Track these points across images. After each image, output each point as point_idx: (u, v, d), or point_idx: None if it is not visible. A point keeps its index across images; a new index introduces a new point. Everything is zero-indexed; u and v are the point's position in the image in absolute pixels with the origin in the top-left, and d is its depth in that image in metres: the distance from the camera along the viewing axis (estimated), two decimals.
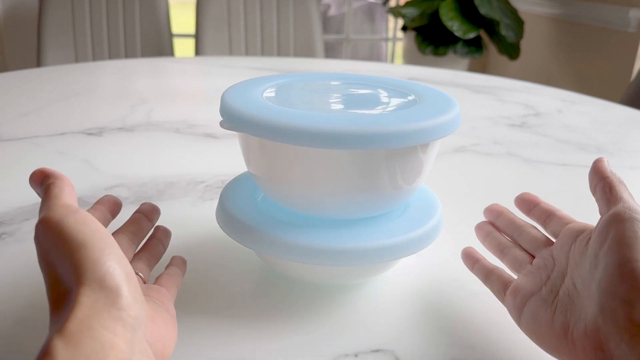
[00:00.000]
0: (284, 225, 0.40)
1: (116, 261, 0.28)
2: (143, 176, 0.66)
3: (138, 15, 1.76)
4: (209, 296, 0.43)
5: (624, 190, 0.35)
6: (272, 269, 0.46)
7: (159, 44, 1.79)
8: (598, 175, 0.37)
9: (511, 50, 2.29)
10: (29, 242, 0.51)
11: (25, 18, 2.24)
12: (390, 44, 3.27)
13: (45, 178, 0.33)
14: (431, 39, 2.35)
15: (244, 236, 0.40)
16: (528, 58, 2.57)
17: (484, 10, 2.21)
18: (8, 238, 0.51)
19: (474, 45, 2.34)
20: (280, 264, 0.43)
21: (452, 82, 1.24)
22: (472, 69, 2.84)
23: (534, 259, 0.40)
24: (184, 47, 2.90)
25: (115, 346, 0.25)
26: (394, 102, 0.43)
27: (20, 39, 2.27)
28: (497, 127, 0.92)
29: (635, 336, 0.28)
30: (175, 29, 1.94)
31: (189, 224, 0.54)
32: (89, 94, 1.06)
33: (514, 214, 0.44)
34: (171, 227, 0.43)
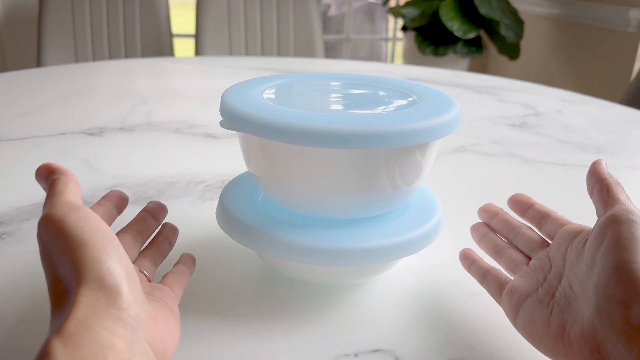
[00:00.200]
0: (284, 225, 0.40)
1: (117, 260, 0.28)
2: (143, 176, 0.66)
3: (138, 15, 1.76)
4: (209, 296, 0.43)
5: (621, 192, 0.35)
6: (272, 269, 0.46)
7: (159, 44, 1.79)
8: (595, 177, 0.37)
9: (511, 50, 2.29)
10: (29, 242, 0.51)
11: (25, 18, 2.24)
12: (390, 44, 3.27)
13: (50, 173, 0.33)
14: (431, 39, 2.35)
15: (244, 236, 0.40)
16: (528, 58, 2.57)
17: (484, 10, 2.21)
18: (8, 238, 0.51)
19: (474, 45, 2.35)
20: (280, 264, 0.43)
21: (452, 82, 1.24)
22: (472, 69, 2.84)
23: (529, 260, 0.40)
24: (184, 47, 2.90)
25: (114, 347, 0.25)
26: (394, 102, 0.43)
27: (20, 39, 2.27)
28: (497, 127, 0.92)
29: (632, 338, 0.28)
30: (175, 29, 1.94)
31: (189, 224, 0.54)
32: (89, 94, 1.06)
33: (508, 214, 0.44)
34: None
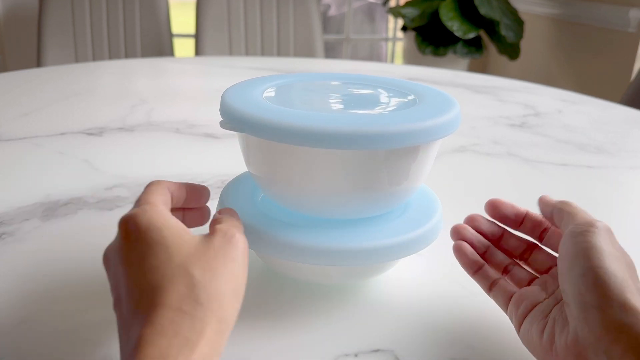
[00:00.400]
0: (284, 225, 0.40)
1: None
2: (143, 176, 0.66)
3: (138, 15, 1.76)
4: None
5: (574, 207, 0.37)
6: (272, 269, 0.46)
7: (159, 44, 1.79)
8: (548, 206, 0.39)
9: (511, 50, 2.28)
10: (29, 242, 0.51)
11: (25, 18, 2.24)
12: (390, 44, 3.27)
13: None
14: (431, 39, 2.35)
15: None
16: (528, 58, 2.57)
17: (484, 10, 2.21)
18: (8, 238, 0.51)
19: (474, 45, 2.34)
20: (280, 264, 0.43)
21: (452, 82, 1.24)
22: (472, 69, 2.84)
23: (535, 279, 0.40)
24: (184, 47, 2.90)
25: None
26: (394, 102, 0.43)
27: (20, 39, 2.27)
28: (497, 127, 0.92)
29: (612, 341, 0.29)
30: (175, 29, 1.94)
31: None
32: (89, 94, 1.06)
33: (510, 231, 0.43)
34: None
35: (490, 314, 0.42)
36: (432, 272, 0.48)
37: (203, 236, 0.33)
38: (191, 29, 1.92)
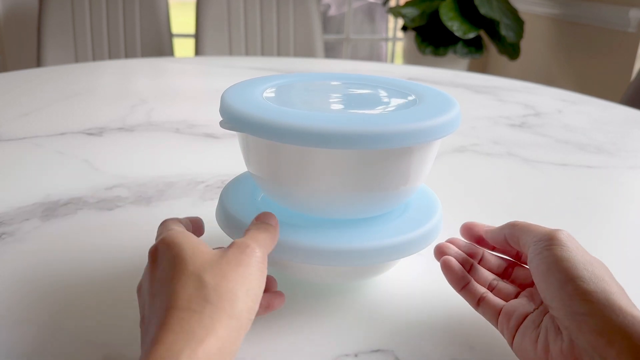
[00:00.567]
0: (284, 225, 0.40)
1: None
2: (143, 176, 0.66)
3: (138, 15, 1.76)
4: None
5: (523, 224, 0.38)
6: (272, 269, 0.46)
7: (159, 44, 1.79)
8: (495, 233, 0.40)
9: (511, 50, 2.29)
10: (29, 242, 0.51)
11: (25, 18, 2.24)
12: (390, 44, 3.27)
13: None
14: (431, 39, 2.35)
15: None
16: (528, 58, 2.57)
17: (484, 10, 2.21)
18: (8, 238, 0.51)
19: (474, 45, 2.34)
20: (280, 264, 0.43)
21: (452, 82, 1.24)
22: (472, 69, 2.84)
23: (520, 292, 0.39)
24: (184, 47, 2.90)
25: None
26: (394, 102, 0.43)
27: (20, 39, 2.27)
28: (497, 127, 0.92)
29: (607, 346, 0.29)
30: (175, 29, 1.94)
31: None
32: (89, 94, 1.06)
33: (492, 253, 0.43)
34: None
35: None
36: (432, 272, 0.48)
37: (220, 249, 0.34)
38: (191, 29, 1.92)
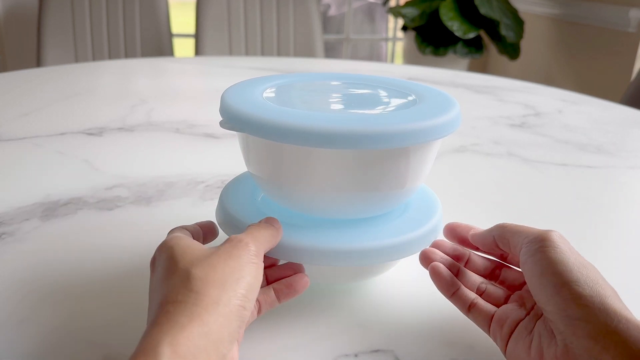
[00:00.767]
0: (284, 225, 0.40)
1: None
2: (143, 176, 0.66)
3: (138, 15, 1.76)
4: None
5: (512, 225, 0.37)
6: None
7: (159, 44, 1.79)
8: (483, 236, 0.39)
9: (511, 50, 2.29)
10: (29, 242, 0.51)
11: (25, 18, 2.24)
12: (390, 44, 3.27)
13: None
14: (431, 39, 2.35)
15: None
16: (528, 58, 2.57)
17: (484, 10, 2.21)
18: (8, 238, 0.51)
19: (474, 45, 2.34)
20: None
21: (452, 82, 1.24)
22: (472, 69, 2.84)
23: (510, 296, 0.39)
24: (184, 47, 2.90)
25: None
26: (394, 102, 0.43)
27: (20, 39, 2.27)
28: (497, 127, 0.92)
29: (602, 350, 0.29)
30: (175, 29, 1.94)
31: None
32: (89, 94, 1.06)
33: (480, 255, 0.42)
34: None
35: None
36: None
37: (213, 247, 0.34)
38: (191, 29, 1.92)
